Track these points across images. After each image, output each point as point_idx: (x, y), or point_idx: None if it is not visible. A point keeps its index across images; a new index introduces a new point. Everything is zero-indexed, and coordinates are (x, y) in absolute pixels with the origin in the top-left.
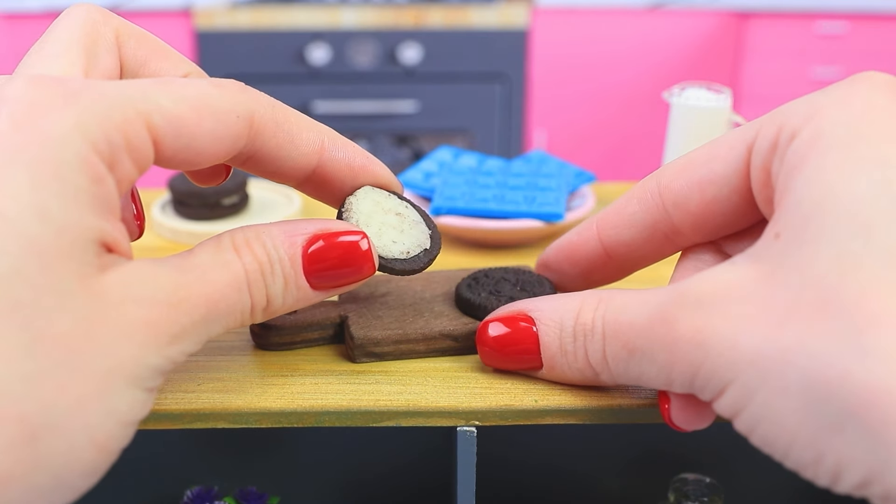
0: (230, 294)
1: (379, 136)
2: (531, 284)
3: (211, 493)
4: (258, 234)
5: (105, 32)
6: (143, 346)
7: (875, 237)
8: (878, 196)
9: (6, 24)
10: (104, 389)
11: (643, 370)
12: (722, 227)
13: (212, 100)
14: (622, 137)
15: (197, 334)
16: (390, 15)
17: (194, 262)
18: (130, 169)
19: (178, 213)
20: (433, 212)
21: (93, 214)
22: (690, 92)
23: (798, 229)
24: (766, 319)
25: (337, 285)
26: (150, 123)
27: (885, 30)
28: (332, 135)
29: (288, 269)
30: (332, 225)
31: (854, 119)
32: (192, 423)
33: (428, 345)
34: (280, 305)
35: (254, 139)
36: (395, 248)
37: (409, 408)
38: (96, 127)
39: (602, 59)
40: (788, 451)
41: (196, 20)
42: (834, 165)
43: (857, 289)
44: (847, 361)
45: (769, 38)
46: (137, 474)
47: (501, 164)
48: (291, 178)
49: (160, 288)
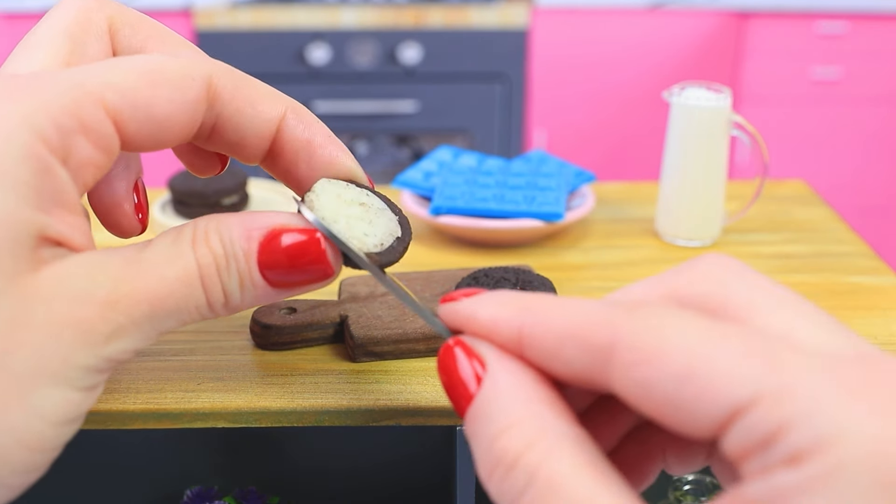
0: (179, 289)
1: (379, 136)
2: (531, 284)
3: (211, 493)
4: (217, 225)
5: (97, 20)
6: (71, 345)
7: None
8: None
9: (6, 24)
10: (27, 390)
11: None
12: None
13: (165, 68)
14: (622, 137)
15: (140, 331)
16: (390, 15)
17: (144, 256)
18: (91, 152)
19: (178, 212)
20: (433, 211)
21: (32, 208)
22: (690, 92)
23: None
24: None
25: (296, 284)
26: (104, 101)
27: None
28: (298, 107)
29: (242, 265)
30: (292, 221)
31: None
32: (192, 423)
33: (428, 344)
34: (239, 301)
35: (213, 103)
36: (370, 242)
37: (409, 407)
38: (43, 116)
39: (602, 59)
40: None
41: (196, 20)
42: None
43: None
44: None
45: (769, 38)
46: (137, 474)
47: (501, 163)
48: (255, 147)
49: (98, 284)
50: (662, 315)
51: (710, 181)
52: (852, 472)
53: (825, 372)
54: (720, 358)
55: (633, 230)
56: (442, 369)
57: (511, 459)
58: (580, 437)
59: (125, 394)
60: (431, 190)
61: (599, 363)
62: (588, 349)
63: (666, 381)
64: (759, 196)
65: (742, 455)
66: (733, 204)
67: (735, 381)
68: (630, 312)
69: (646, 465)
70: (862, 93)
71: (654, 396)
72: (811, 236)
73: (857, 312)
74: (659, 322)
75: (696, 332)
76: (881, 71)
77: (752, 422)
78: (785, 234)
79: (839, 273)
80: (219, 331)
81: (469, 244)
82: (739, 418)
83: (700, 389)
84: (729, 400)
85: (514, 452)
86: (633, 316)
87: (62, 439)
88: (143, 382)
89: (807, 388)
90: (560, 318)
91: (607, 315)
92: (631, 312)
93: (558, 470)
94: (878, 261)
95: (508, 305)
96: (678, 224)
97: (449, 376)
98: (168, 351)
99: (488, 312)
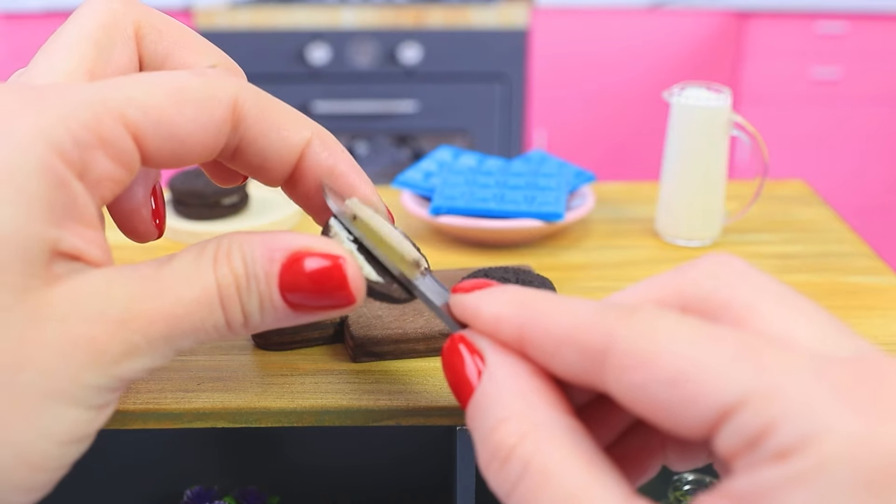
0: (197, 310)
1: (379, 136)
2: (531, 284)
3: (211, 493)
4: (241, 244)
5: (123, 24)
6: (83, 365)
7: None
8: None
9: (6, 24)
10: (36, 410)
11: None
12: None
13: (191, 87)
14: (622, 137)
15: (155, 350)
16: (390, 15)
17: (163, 273)
18: (110, 167)
19: (178, 212)
20: (433, 211)
21: (44, 222)
22: (690, 92)
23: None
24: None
25: (317, 308)
26: (125, 118)
27: (885, 30)
28: (323, 133)
29: (263, 286)
30: (316, 243)
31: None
32: (192, 423)
33: (428, 344)
34: (259, 322)
35: (237, 125)
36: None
37: (409, 407)
38: (62, 129)
39: (602, 59)
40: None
41: (196, 20)
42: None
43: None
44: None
45: (769, 38)
46: (137, 474)
47: (501, 163)
48: (277, 171)
49: (112, 303)
50: (656, 319)
51: (710, 181)
52: (835, 469)
53: (815, 372)
54: (710, 361)
55: (633, 230)
56: (446, 364)
57: (506, 451)
58: (574, 429)
59: (125, 394)
60: (431, 190)
61: (595, 366)
62: (584, 353)
63: (657, 385)
64: (759, 196)
65: (733, 454)
66: (733, 204)
67: (724, 383)
68: (625, 317)
69: (646, 459)
70: (862, 93)
71: (647, 400)
72: (811, 236)
73: (857, 312)
74: (651, 326)
75: (688, 336)
76: (881, 71)
77: (741, 422)
78: (785, 234)
79: (839, 273)
80: None
81: (469, 244)
82: (728, 419)
83: (690, 393)
84: (718, 402)
85: (508, 444)
86: (628, 320)
87: (68, 459)
88: (143, 382)
89: (794, 388)
90: (557, 321)
91: (603, 319)
92: (626, 317)
93: (551, 460)
94: (878, 261)
95: (510, 304)
96: (678, 224)
97: (452, 371)
98: None
99: (491, 310)
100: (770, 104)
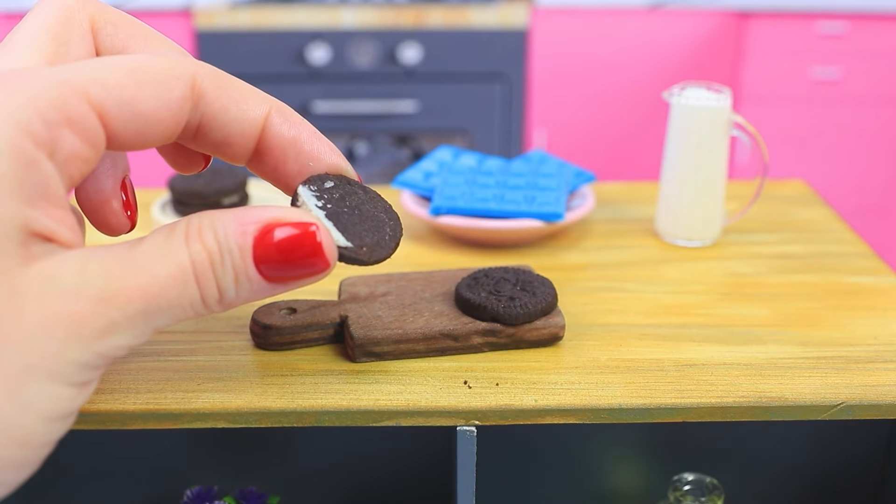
0: (173, 286)
1: (379, 136)
2: (531, 284)
3: (211, 493)
4: (212, 221)
5: (80, 19)
6: (63, 341)
7: None
8: None
9: (6, 24)
10: (18, 386)
11: None
12: None
13: (150, 66)
14: (622, 137)
15: (134, 328)
16: (390, 15)
17: (137, 252)
18: (77, 145)
19: (178, 212)
20: (433, 212)
21: (18, 202)
22: (690, 92)
23: None
24: None
25: (292, 278)
26: (89, 96)
27: (885, 30)
28: (282, 106)
29: (238, 260)
30: (287, 214)
31: None
32: (192, 423)
33: (428, 344)
34: (234, 297)
35: (198, 101)
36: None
37: (409, 407)
38: (29, 109)
39: (602, 59)
40: None
41: (196, 20)
42: None
43: None
44: None
45: (769, 38)
46: (137, 474)
47: (501, 163)
48: (241, 146)
49: (89, 280)
50: None
51: (710, 181)
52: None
53: None
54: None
55: (633, 230)
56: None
57: None
58: None
59: (125, 394)
60: (431, 190)
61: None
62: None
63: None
64: (758, 196)
65: None
66: (733, 204)
67: None
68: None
69: None
70: (861, 93)
71: None
72: (811, 236)
73: (857, 312)
74: None
75: None
76: (881, 71)
77: None
78: (785, 234)
79: (839, 273)
80: (219, 331)
81: (469, 244)
82: None
83: None
84: None
85: None
86: None
87: (54, 435)
88: (143, 382)
89: None
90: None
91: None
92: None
93: None
94: (878, 261)
95: None
96: (678, 224)
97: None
98: (168, 351)
99: None
100: (770, 104)
